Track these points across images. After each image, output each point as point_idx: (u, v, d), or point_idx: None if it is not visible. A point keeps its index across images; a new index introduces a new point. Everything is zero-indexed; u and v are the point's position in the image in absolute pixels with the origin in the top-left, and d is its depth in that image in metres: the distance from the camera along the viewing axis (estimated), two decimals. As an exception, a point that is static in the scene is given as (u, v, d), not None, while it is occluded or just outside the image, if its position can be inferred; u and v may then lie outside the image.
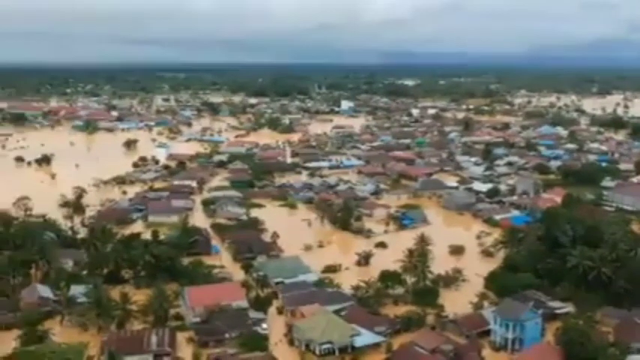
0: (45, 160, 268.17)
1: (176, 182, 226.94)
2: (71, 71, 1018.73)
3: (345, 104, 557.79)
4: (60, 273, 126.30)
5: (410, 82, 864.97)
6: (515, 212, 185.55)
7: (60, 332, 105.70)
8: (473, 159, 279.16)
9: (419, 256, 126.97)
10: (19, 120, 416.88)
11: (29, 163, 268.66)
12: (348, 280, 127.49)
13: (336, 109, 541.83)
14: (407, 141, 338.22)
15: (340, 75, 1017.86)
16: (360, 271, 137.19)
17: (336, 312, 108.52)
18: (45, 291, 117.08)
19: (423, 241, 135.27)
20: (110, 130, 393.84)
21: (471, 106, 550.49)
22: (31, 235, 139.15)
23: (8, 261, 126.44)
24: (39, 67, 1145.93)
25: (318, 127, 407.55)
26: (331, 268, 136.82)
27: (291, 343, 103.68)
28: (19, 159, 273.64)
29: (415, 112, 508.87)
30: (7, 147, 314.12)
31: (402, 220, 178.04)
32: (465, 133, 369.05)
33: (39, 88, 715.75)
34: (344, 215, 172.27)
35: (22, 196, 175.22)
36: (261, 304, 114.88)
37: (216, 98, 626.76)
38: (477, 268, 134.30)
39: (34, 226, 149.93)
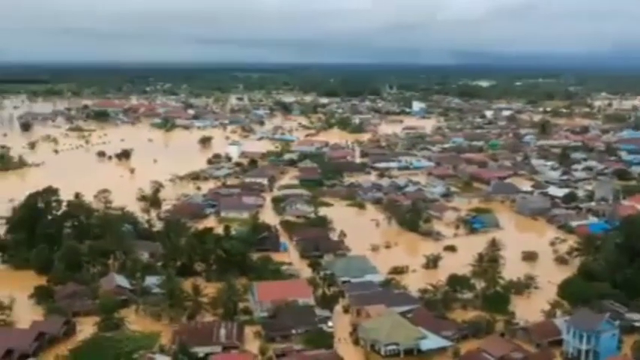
0: (125, 156, 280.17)
1: (247, 179, 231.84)
2: (151, 70, 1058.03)
3: (417, 105, 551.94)
4: (136, 263, 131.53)
5: (484, 83, 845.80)
6: (593, 219, 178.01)
7: (134, 320, 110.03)
8: (549, 163, 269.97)
9: (489, 260, 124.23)
10: (101, 117, 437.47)
11: (110, 158, 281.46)
12: (415, 283, 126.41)
13: (407, 109, 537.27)
14: (480, 143, 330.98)
15: (412, 75, 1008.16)
16: (427, 273, 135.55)
17: (402, 314, 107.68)
18: (122, 280, 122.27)
19: (494, 245, 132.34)
20: (186, 127, 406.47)
21: (549, 109, 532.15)
22: (110, 227, 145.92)
23: (89, 250, 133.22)
24: (121, 67, 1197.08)
25: (388, 128, 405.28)
26: (398, 270, 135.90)
27: (356, 342, 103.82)
28: (101, 154, 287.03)
29: (489, 113, 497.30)
30: (90, 142, 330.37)
31: (472, 223, 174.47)
32: (541, 136, 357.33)
33: (121, 86, 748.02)
34: (412, 217, 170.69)
35: (102, 189, 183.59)
36: (327, 302, 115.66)
37: (288, 98, 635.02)
38: (550, 276, 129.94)
39: (114, 218, 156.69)
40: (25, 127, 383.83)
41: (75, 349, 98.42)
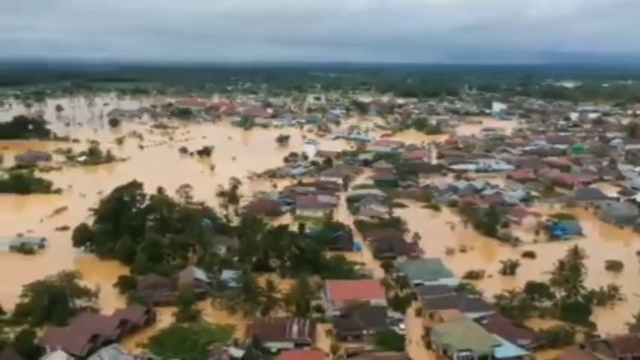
0: (205, 152, 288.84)
1: (323, 178, 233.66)
2: (233, 70, 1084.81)
3: (497, 106, 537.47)
4: (214, 257, 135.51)
5: (569, 84, 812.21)
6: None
7: (211, 313, 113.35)
8: (637, 168, 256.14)
9: (570, 269, 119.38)
10: (184, 114, 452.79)
11: (192, 154, 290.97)
12: (490, 288, 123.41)
13: (487, 110, 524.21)
14: (563, 146, 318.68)
15: (493, 76, 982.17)
16: (504, 280, 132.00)
17: (477, 320, 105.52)
18: (200, 273, 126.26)
19: (576, 253, 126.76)
20: (265, 126, 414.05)
21: (638, 112, 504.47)
22: (190, 221, 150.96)
23: (169, 243, 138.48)
24: (204, 66, 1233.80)
25: (466, 129, 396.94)
26: (473, 275, 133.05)
27: (428, 346, 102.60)
28: (183, 150, 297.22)
29: (574, 115, 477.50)
30: (173, 139, 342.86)
31: (553, 230, 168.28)
32: (629, 140, 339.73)
33: (203, 85, 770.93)
34: (490, 221, 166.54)
35: (184, 184, 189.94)
36: (399, 304, 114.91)
37: (364, 98, 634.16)
38: (636, 287, 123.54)
39: (194, 213, 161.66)
40: (114, 123, 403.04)
41: (155, 337, 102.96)
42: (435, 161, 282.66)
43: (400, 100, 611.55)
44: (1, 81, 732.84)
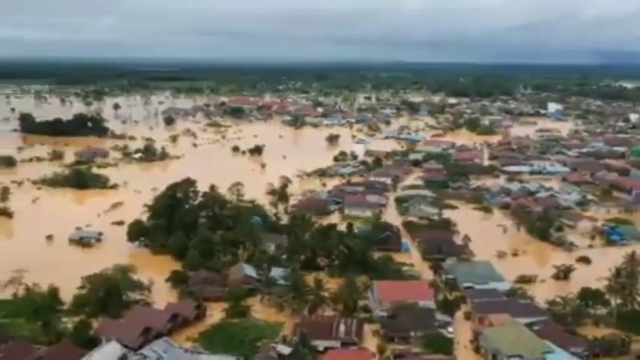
0: (257, 151, 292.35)
1: (372, 178, 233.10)
2: (284, 69, 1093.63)
3: (552, 107, 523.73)
4: (263, 255, 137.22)
5: (629, 85, 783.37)
6: None
7: (259, 310, 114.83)
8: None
9: (628, 276, 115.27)
10: (237, 113, 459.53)
11: (243, 153, 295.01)
12: (543, 294, 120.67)
13: (542, 111, 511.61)
14: (622, 149, 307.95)
15: (548, 76, 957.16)
16: (557, 285, 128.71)
17: (528, 325, 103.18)
18: (249, 270, 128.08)
19: (633, 260, 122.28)
20: (315, 125, 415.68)
21: None
22: (241, 218, 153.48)
23: (220, 240, 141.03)
24: (257, 65, 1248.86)
25: (520, 130, 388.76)
26: (525, 279, 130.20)
27: (476, 350, 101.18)
28: (235, 148, 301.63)
29: (633, 117, 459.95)
30: (226, 137, 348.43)
31: (609, 235, 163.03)
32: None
33: (255, 84, 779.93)
34: (543, 224, 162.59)
35: (235, 182, 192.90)
36: (448, 307, 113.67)
37: (415, 97, 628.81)
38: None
39: (244, 210, 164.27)
40: (168, 121, 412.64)
41: (205, 332, 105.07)
42: (487, 162, 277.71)
43: (452, 100, 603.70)
44: (63, 80, 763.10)
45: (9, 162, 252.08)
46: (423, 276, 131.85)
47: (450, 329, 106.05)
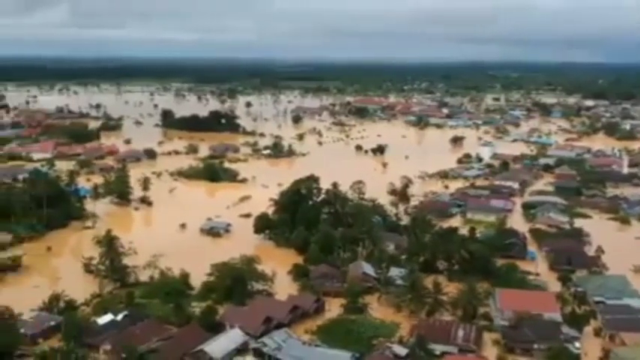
0: (379, 150, 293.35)
1: (497, 182, 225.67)
2: (410, 69, 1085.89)
3: None
4: (382, 254, 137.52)
5: None
6: None
7: (376, 308, 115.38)
8: None
9: None
10: (361, 113, 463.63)
11: (366, 152, 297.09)
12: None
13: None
14: None
15: None
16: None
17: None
18: (368, 268, 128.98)
19: None
20: (439, 126, 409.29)
21: None
22: (361, 216, 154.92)
23: (341, 236, 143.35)
24: (382, 65, 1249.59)
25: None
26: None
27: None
28: (359, 147, 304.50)
29: None
30: (349, 136, 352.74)
31: None
32: None
33: (381, 84, 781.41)
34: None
35: (357, 180, 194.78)
36: (576, 321, 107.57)
37: (548, 99, 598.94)
38: None
39: (365, 209, 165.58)
40: (296, 120, 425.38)
41: (323, 326, 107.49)
42: (626, 170, 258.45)
43: (589, 102, 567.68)
44: (200, 79, 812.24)
45: (151, 154, 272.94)
46: (549, 287, 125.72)
47: (578, 344, 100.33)
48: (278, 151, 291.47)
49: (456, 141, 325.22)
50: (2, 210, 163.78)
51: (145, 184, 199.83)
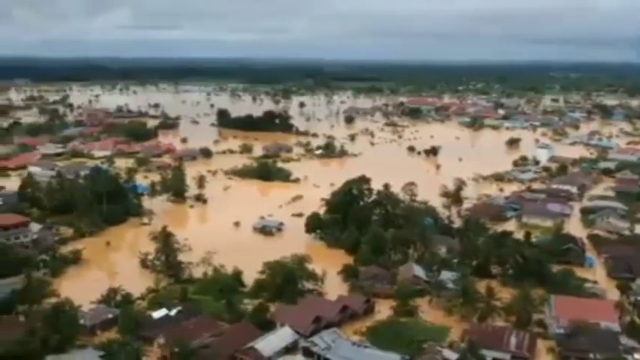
0: (432, 152, 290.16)
1: (555, 186, 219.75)
2: (465, 69, 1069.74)
3: None
4: (433, 257, 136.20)
5: None
6: None
7: (427, 311, 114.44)
8: None
9: None
10: (414, 113, 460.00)
11: (419, 153, 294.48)
12: None
13: None
14: None
15: None
16: None
17: None
18: (419, 271, 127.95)
19: None
20: (495, 127, 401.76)
21: None
22: (413, 218, 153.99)
23: (392, 238, 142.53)
24: (437, 66, 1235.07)
25: None
26: None
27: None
28: (411, 149, 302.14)
29: None
30: (402, 137, 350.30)
31: None
32: None
33: (435, 85, 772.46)
34: None
35: (409, 182, 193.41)
36: (636, 332, 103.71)
37: (610, 100, 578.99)
38: None
39: (417, 211, 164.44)
40: (348, 120, 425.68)
41: (372, 327, 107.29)
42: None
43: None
44: (255, 79, 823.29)
45: (206, 153, 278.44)
46: (607, 295, 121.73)
47: (637, 356, 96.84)
48: (330, 151, 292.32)
49: (512, 143, 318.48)
50: (66, 205, 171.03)
51: (201, 182, 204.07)
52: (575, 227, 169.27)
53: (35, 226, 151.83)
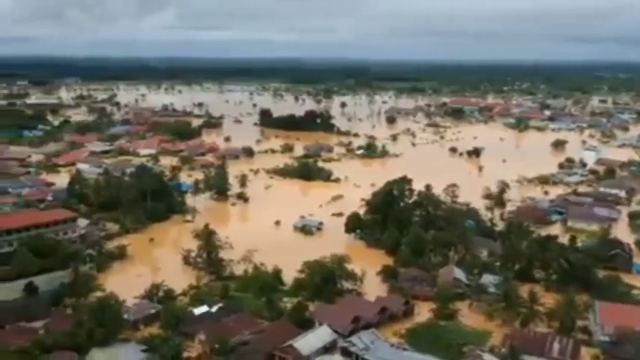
0: (475, 153, 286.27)
1: (602, 189, 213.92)
2: (510, 70, 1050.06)
3: None
4: (475, 260, 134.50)
5: None
6: None
7: (467, 315, 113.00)
8: None
9: None
10: (457, 114, 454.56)
11: (461, 154, 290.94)
12: None
13: None
14: None
15: None
16: None
17: None
18: (459, 273, 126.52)
19: None
20: (540, 129, 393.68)
21: None
22: (454, 220, 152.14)
23: (432, 240, 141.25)
24: (481, 66, 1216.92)
25: None
26: None
27: None
28: (453, 150, 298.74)
29: None
30: (444, 138, 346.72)
31: None
32: None
33: (478, 85, 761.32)
34: None
35: (451, 183, 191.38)
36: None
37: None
38: None
39: (458, 213, 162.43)
40: (390, 120, 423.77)
41: (411, 329, 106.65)
42: None
43: None
44: (298, 79, 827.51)
45: (249, 152, 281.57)
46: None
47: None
48: (371, 151, 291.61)
49: (558, 145, 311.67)
50: (112, 202, 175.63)
51: (243, 180, 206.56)
52: (622, 232, 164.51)
53: (83, 222, 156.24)
